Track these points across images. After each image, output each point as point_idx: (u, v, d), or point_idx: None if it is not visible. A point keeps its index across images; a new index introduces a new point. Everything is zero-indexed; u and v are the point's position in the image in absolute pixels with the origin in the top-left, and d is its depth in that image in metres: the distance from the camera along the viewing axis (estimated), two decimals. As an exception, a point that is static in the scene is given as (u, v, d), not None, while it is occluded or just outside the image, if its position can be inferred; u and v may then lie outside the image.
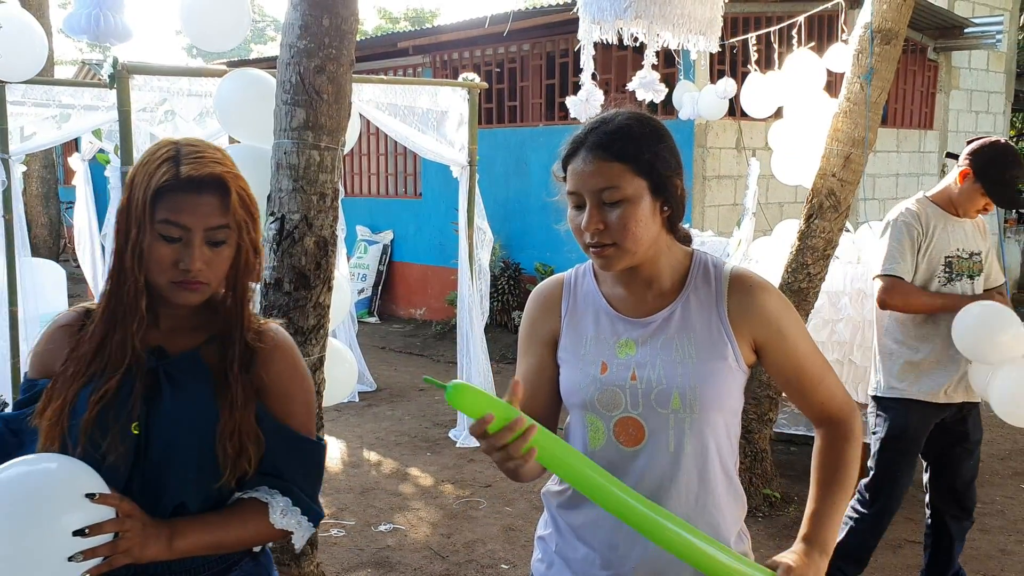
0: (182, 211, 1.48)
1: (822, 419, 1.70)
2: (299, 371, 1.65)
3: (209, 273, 1.52)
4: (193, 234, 1.49)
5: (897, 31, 4.23)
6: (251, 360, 1.59)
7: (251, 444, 1.53)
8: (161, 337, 1.58)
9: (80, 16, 4.91)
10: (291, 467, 1.59)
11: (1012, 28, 12.42)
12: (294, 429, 1.61)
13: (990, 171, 3.22)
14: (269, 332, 1.64)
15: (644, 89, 4.58)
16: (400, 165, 11.28)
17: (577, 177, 1.57)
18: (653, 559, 1.59)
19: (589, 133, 1.58)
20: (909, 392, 3.30)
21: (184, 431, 1.51)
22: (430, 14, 32.12)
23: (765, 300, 1.63)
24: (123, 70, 4.34)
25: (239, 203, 1.53)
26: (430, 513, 4.82)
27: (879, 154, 10.00)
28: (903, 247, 3.26)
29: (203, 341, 1.59)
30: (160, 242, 1.49)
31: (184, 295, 1.53)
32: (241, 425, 1.52)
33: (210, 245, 1.52)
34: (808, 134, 4.80)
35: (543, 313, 1.72)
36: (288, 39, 3.01)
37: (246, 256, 1.57)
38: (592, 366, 1.62)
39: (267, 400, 1.59)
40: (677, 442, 1.58)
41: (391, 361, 8.65)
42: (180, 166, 1.49)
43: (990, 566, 4.11)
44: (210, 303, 1.60)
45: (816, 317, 4.81)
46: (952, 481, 3.42)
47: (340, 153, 3.09)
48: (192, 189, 1.49)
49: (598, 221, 1.54)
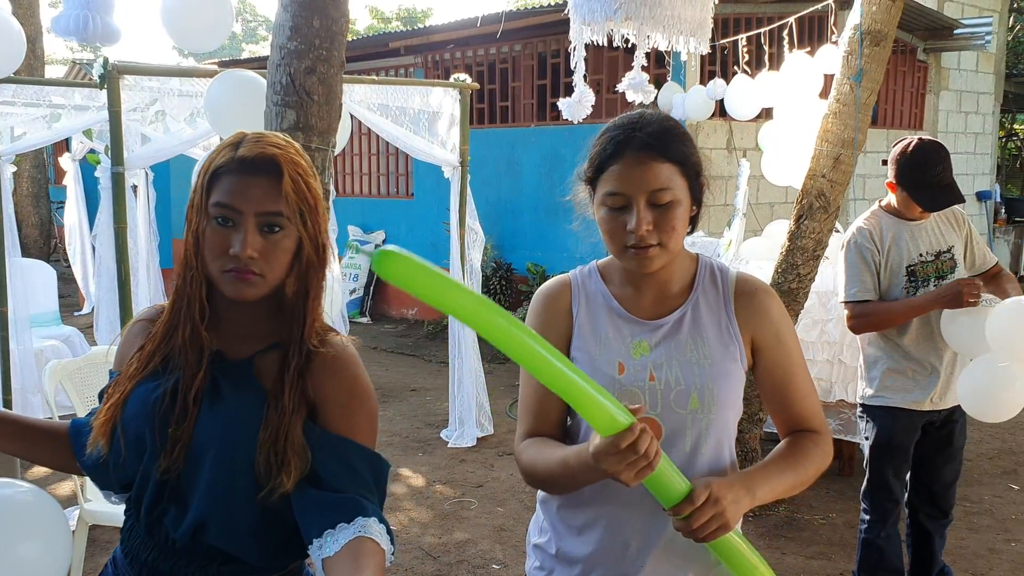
0: (233, 193, 1.40)
1: (797, 429, 1.70)
2: (361, 384, 1.50)
3: (264, 264, 1.41)
4: (244, 217, 1.40)
5: (886, 32, 4.25)
6: (308, 366, 1.46)
7: (295, 456, 1.38)
8: (221, 341, 1.49)
9: (68, 18, 4.90)
10: (347, 480, 1.42)
11: (1001, 29, 12.48)
12: (359, 443, 1.46)
13: (909, 178, 3.15)
14: (335, 340, 1.51)
15: (633, 90, 4.60)
16: (392, 165, 11.28)
17: (624, 178, 1.54)
18: (661, 558, 1.60)
19: (635, 133, 1.55)
20: (894, 400, 3.28)
21: (217, 444, 1.41)
22: (422, 14, 32.10)
23: (770, 305, 1.67)
24: (113, 70, 4.34)
25: (293, 188, 1.41)
26: (421, 513, 4.82)
27: (869, 155, 10.04)
28: (859, 269, 3.23)
29: (264, 348, 1.48)
30: (213, 226, 1.41)
31: (237, 286, 1.41)
32: (287, 433, 1.39)
33: (264, 232, 1.41)
34: (798, 135, 4.82)
35: (553, 315, 1.69)
36: (278, 40, 3.01)
37: (308, 248, 1.45)
38: (609, 367, 1.62)
39: (326, 414, 1.46)
40: (694, 442, 1.60)
41: (382, 361, 8.64)
42: (239, 149, 1.43)
43: (978, 565, 4.13)
44: (279, 309, 1.49)
45: (806, 317, 4.83)
46: (930, 483, 3.42)
47: (331, 154, 3.09)
48: (245, 171, 1.41)
49: (649, 222, 1.53)
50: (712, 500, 1.44)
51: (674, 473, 1.46)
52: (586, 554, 1.65)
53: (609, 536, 1.62)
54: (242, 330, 1.50)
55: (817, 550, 4.24)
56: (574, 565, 1.66)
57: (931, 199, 3.16)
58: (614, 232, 1.57)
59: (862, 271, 3.22)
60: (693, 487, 1.46)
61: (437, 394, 7.29)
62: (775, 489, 1.58)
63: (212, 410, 1.42)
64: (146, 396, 1.45)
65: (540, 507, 1.77)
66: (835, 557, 4.18)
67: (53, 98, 5.84)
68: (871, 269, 3.22)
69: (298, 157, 1.46)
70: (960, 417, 3.37)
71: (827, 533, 4.44)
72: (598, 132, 1.63)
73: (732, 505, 1.46)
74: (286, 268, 1.44)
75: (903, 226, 3.25)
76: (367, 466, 1.45)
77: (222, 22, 4.15)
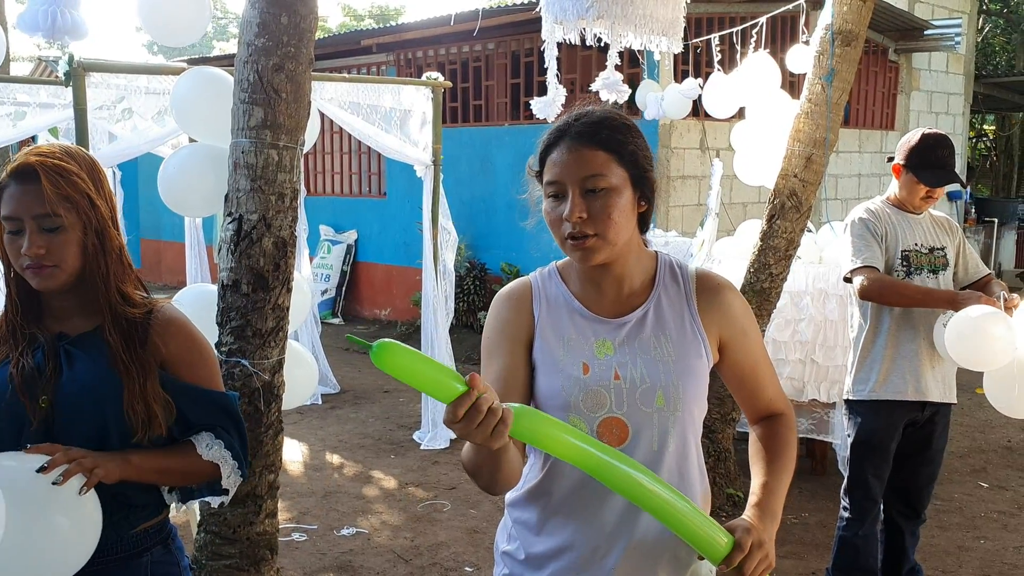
0: (11, 204, 1.67)
1: (766, 414, 1.76)
2: (196, 340, 1.83)
3: (54, 256, 1.67)
4: (24, 223, 1.66)
5: (857, 33, 4.26)
6: (145, 336, 1.75)
7: (159, 407, 1.71)
8: (60, 324, 1.77)
9: (35, 13, 4.80)
10: (208, 418, 1.78)
11: (970, 30, 12.62)
12: (204, 387, 1.80)
13: (916, 158, 3.30)
14: (164, 307, 1.82)
15: (608, 90, 4.58)
16: (364, 164, 11.21)
17: (560, 166, 1.56)
18: (633, 558, 1.59)
19: (572, 123, 1.58)
20: (878, 392, 3.31)
21: (84, 403, 1.68)
22: (394, 12, 31.94)
23: (732, 299, 1.68)
24: (79, 67, 4.26)
25: (53, 190, 1.65)
26: (394, 516, 4.78)
27: (841, 154, 10.11)
28: (867, 239, 3.30)
29: (101, 322, 1.75)
30: (8, 236, 1.70)
31: (37, 279, 1.68)
32: (144, 393, 1.69)
33: (45, 231, 1.67)
34: (770, 135, 4.82)
35: (515, 314, 1.68)
36: (246, 37, 2.96)
37: (89, 236, 1.70)
38: (573, 367, 1.61)
39: (173, 370, 1.77)
40: (661, 440, 1.60)
41: (355, 363, 8.58)
42: (12, 165, 1.69)
43: (948, 563, 4.16)
44: (93, 289, 1.75)
45: (778, 317, 4.84)
46: (905, 483, 3.45)
47: (299, 152, 3.04)
48: (18, 182, 1.67)
49: (582, 209, 1.54)
50: (757, 544, 1.51)
51: (713, 527, 1.50)
52: (555, 557, 1.63)
53: (579, 539, 1.61)
54: (74, 312, 1.77)
55: (789, 549, 4.25)
56: (543, 568, 1.65)
57: (934, 177, 3.30)
58: (554, 223, 1.59)
59: (870, 241, 3.30)
60: (736, 537, 1.50)
61: (410, 395, 7.24)
62: (783, 499, 1.66)
63: (71, 373, 1.70)
64: (8, 375, 1.70)
65: (508, 512, 1.75)
66: (807, 556, 4.19)
67: (18, 96, 5.74)
68: (877, 240, 3.31)
69: (62, 161, 1.69)
70: (942, 419, 3.41)
71: (799, 532, 4.45)
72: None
73: (770, 541, 1.54)
74: (78, 256, 1.70)
75: (903, 216, 3.38)
76: (221, 405, 1.81)
77: (201, 16, 4.09)
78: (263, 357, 3.02)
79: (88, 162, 1.75)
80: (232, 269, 2.99)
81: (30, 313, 1.76)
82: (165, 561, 1.80)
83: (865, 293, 3.25)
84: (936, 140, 3.31)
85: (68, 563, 1.56)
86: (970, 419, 6.55)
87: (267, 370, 3.03)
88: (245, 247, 2.96)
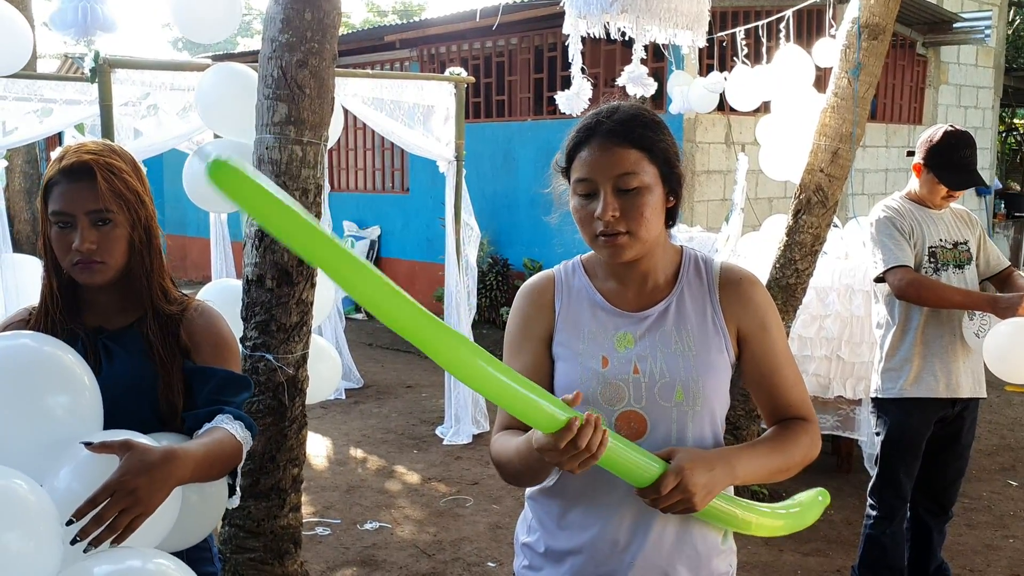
0: (63, 200, 1.70)
1: (786, 417, 1.69)
2: (225, 331, 1.87)
3: (102, 252, 1.71)
4: (77, 218, 1.69)
5: (885, 26, 4.21)
6: (177, 329, 1.80)
7: (176, 399, 1.76)
8: (99, 318, 1.80)
9: (67, 11, 4.84)
10: (221, 393, 1.79)
11: (1000, 23, 12.44)
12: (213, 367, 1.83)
13: (938, 158, 3.24)
14: (197, 302, 1.88)
15: (633, 84, 4.56)
16: (387, 160, 11.23)
17: (591, 164, 1.55)
18: (652, 554, 1.58)
19: (602, 120, 1.57)
20: (909, 391, 3.27)
21: (124, 397, 1.70)
22: (417, 7, 31.96)
23: (752, 292, 1.66)
24: (105, 64, 4.29)
25: (108, 186, 1.69)
26: (416, 511, 4.79)
27: (868, 149, 10.00)
28: (895, 238, 3.25)
29: (139, 317, 1.80)
30: (56, 231, 1.72)
31: (85, 274, 1.72)
32: (171, 378, 1.75)
33: (97, 226, 1.70)
34: (796, 129, 4.78)
35: (537, 309, 1.68)
36: (270, 33, 2.97)
37: (137, 233, 1.75)
38: (592, 360, 1.61)
39: (201, 354, 1.81)
40: (679, 435, 1.59)
41: (378, 358, 8.60)
42: (62, 162, 1.72)
43: (976, 561, 4.11)
44: (136, 285, 1.80)
45: (804, 313, 4.79)
46: (933, 479, 3.41)
47: (323, 148, 3.05)
48: (70, 179, 1.70)
49: (615, 208, 1.53)
50: (680, 488, 1.45)
51: (641, 457, 1.46)
52: (575, 551, 1.63)
53: (598, 533, 1.60)
54: (114, 307, 1.81)
55: (814, 547, 4.21)
56: (563, 562, 1.65)
57: (955, 179, 3.24)
58: (584, 220, 1.58)
59: (899, 240, 3.26)
60: (665, 471, 1.46)
61: (433, 391, 7.25)
62: (758, 471, 1.59)
63: (111, 368, 1.73)
64: None
65: (528, 504, 1.75)
66: (832, 554, 4.16)
67: (45, 92, 5.78)
68: (905, 238, 3.27)
69: (113, 159, 1.73)
70: (970, 414, 3.37)
71: (824, 530, 4.41)
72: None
73: (702, 491, 1.47)
74: (124, 252, 1.75)
75: (924, 212, 3.33)
76: (229, 381, 1.80)
77: (232, 13, 4.11)
78: (287, 352, 3.03)
79: (132, 160, 1.80)
80: (257, 264, 3.00)
81: (71, 308, 1.80)
82: (198, 546, 1.83)
83: (902, 294, 3.20)
84: (959, 139, 3.25)
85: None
86: (999, 416, 6.48)
87: (291, 364, 3.04)
88: (269, 242, 2.97)
